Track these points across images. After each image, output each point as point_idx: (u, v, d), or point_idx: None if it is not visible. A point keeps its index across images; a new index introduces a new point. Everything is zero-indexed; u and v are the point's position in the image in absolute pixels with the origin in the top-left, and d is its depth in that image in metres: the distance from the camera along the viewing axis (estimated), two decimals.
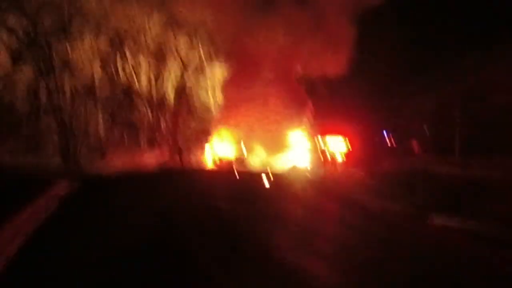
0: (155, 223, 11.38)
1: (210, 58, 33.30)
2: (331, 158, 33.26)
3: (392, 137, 28.33)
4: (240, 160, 32.33)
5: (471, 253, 9.86)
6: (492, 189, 14.52)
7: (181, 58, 33.29)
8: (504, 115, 19.46)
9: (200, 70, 34.43)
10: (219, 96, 33.94)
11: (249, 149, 32.52)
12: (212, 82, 34.40)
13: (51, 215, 11.40)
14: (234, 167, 30.44)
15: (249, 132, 32.71)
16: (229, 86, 33.02)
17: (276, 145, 32.06)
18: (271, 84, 32.25)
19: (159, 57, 32.02)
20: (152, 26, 31.40)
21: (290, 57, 31.80)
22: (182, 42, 32.77)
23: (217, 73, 33.84)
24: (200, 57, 33.99)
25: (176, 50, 32.61)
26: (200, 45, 33.32)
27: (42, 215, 10.74)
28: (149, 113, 31.26)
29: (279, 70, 31.81)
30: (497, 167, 17.08)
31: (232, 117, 32.67)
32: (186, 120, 34.57)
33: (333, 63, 29.49)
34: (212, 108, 34.88)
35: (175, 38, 32.30)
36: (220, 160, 32.58)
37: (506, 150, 18.07)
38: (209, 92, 35.00)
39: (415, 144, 25.46)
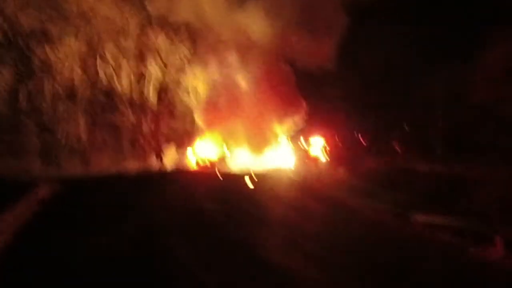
0: (137, 225, 11.35)
1: (192, 58, 33.24)
2: (314, 159, 33.42)
3: (374, 136, 28.53)
4: (223, 161, 32.34)
5: (452, 249, 10.00)
6: (471, 186, 14.70)
7: (161, 59, 33.18)
8: (483, 114, 19.73)
9: (181, 71, 34.37)
10: (201, 97, 33.89)
11: (233, 150, 32.54)
12: (193, 83, 34.36)
13: (33, 218, 11.30)
14: (217, 168, 30.42)
15: (233, 133, 32.74)
16: (211, 85, 33.02)
17: (260, 145, 32.12)
18: (257, 82, 32.28)
19: (140, 58, 31.88)
20: (132, 27, 31.26)
21: (277, 51, 31.82)
22: (162, 43, 32.67)
23: (198, 74, 33.81)
24: (181, 58, 33.93)
25: (157, 51, 32.49)
26: (181, 45, 33.28)
27: (23, 218, 10.64)
28: (131, 115, 31.10)
29: (266, 66, 31.79)
30: (477, 164, 17.28)
31: (215, 117, 32.66)
32: (168, 122, 34.49)
33: (319, 57, 29.63)
34: (194, 109, 34.83)
35: (156, 38, 32.19)
36: (203, 161, 32.55)
37: (485, 148, 18.30)
38: (191, 93, 34.96)
39: (396, 143, 25.69)
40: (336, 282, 7.16)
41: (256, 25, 30.79)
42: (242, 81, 32.17)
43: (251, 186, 21.36)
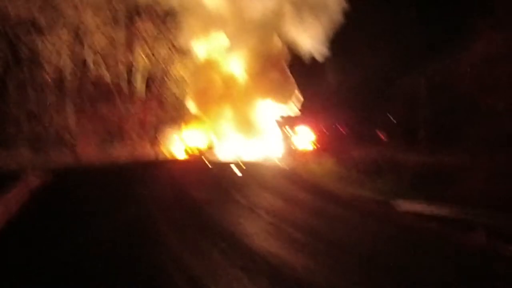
0: (125, 214, 11.47)
1: (179, 46, 33.27)
2: (301, 147, 33.65)
3: (359, 126, 28.77)
4: (211, 150, 32.45)
5: (435, 236, 10.22)
6: (455, 174, 14.92)
7: (149, 48, 33.17)
8: (468, 102, 19.94)
9: (169, 60, 34.40)
10: (189, 85, 33.95)
11: (221, 138, 32.66)
12: (181, 71, 34.41)
13: (23, 207, 11.41)
14: (205, 156, 30.53)
15: (221, 121, 32.86)
16: (200, 70, 33.02)
17: (248, 134, 32.26)
18: (249, 64, 32.34)
19: (128, 48, 31.87)
20: (120, 17, 31.22)
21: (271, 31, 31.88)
22: (150, 32, 32.66)
23: (186, 62, 33.86)
24: (169, 47, 33.94)
25: (145, 40, 32.49)
26: (169, 34, 33.29)
27: (13, 208, 10.76)
28: (119, 104, 31.12)
29: (258, 47, 31.84)
30: (461, 153, 17.50)
31: (203, 105, 32.77)
32: (156, 111, 34.53)
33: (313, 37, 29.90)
34: (182, 98, 34.90)
35: (144, 27, 32.17)
36: (191, 149, 32.65)
37: (469, 137, 18.52)
38: (179, 82, 35.03)
39: (382, 133, 25.94)
40: (320, 267, 7.34)
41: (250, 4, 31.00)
42: (233, 64, 32.31)
43: (239, 174, 21.53)
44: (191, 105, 33.50)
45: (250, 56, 31.78)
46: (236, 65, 32.35)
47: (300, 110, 33.46)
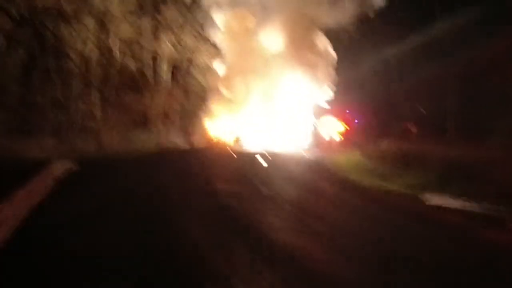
0: (148, 202, 11.40)
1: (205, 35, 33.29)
2: (328, 138, 33.42)
3: (388, 118, 28.38)
4: (237, 139, 32.41)
5: (463, 231, 9.94)
6: (484, 168, 14.58)
7: (175, 37, 33.11)
8: (498, 94, 19.50)
9: (194, 48, 34.35)
10: (215, 74, 33.95)
11: (248, 128, 32.59)
12: (208, 59, 34.38)
13: (47, 195, 11.39)
14: (230, 146, 30.48)
15: (250, 110, 32.83)
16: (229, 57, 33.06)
17: (275, 123, 32.20)
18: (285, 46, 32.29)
19: (154, 36, 31.85)
20: (146, 5, 31.18)
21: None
22: (176, 20, 32.60)
23: (211, 50, 33.83)
24: (194, 35, 33.86)
25: (170, 29, 32.43)
26: (194, 22, 33.25)
27: (37, 196, 10.72)
28: (144, 93, 31.15)
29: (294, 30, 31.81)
30: (491, 146, 17.13)
31: (231, 94, 32.85)
32: (181, 99, 34.54)
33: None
34: (208, 86, 34.88)
35: (169, 16, 32.12)
36: (216, 139, 32.64)
37: (500, 130, 18.10)
38: (205, 70, 35.01)
39: (411, 125, 25.53)
40: (346, 263, 7.15)
41: None
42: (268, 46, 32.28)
43: (264, 164, 21.41)
44: (219, 92, 33.56)
45: (285, 33, 31.74)
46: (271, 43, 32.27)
47: (328, 101, 33.30)
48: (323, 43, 32.23)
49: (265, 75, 32.05)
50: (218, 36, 32.85)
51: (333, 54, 32.14)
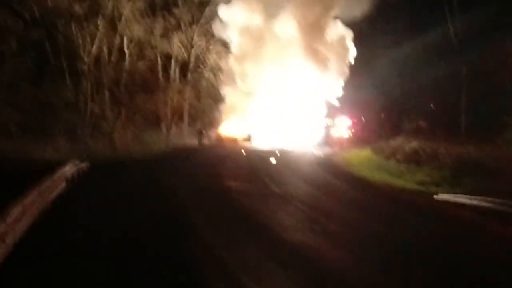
0: (161, 202, 11.42)
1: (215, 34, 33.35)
2: (338, 136, 33.36)
3: (400, 115, 28.27)
4: (248, 138, 32.44)
5: (476, 228, 9.91)
6: (497, 165, 14.53)
7: (186, 38, 33.19)
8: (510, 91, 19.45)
9: (205, 48, 34.42)
10: (225, 73, 34.02)
11: (258, 126, 32.62)
12: (218, 58, 34.43)
13: (59, 196, 11.46)
14: (241, 145, 30.51)
15: (261, 107, 32.87)
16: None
17: (286, 121, 32.21)
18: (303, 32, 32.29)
19: (165, 37, 31.93)
20: (156, 6, 31.27)
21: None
22: (186, 20, 32.67)
23: (222, 49, 33.88)
24: (205, 34, 33.91)
25: (181, 29, 32.48)
26: (204, 22, 33.32)
27: (49, 196, 10.79)
28: (155, 93, 31.22)
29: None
30: (503, 144, 17.06)
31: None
32: (193, 100, 34.62)
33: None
34: (218, 86, 34.94)
35: (180, 16, 32.18)
36: (227, 138, 32.68)
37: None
38: (215, 70, 35.09)
39: (422, 123, 25.43)
40: (357, 261, 7.11)
41: None
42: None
43: (273, 162, 21.43)
44: (229, 91, 33.66)
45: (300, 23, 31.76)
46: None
47: (340, 98, 33.29)
48: (339, 35, 32.22)
49: (277, 70, 31.95)
50: (229, 33, 32.83)
51: (350, 46, 32.15)
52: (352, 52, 32.18)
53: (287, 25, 31.86)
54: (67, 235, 8.18)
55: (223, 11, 32.01)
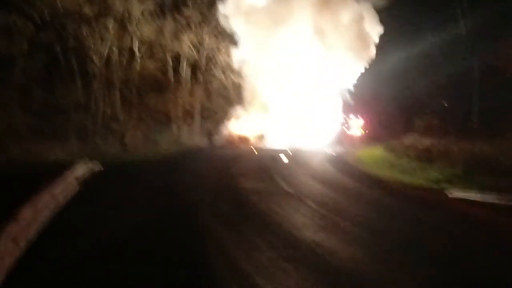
0: (171, 202, 11.43)
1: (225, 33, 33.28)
2: (350, 134, 33.30)
3: (412, 112, 28.16)
4: (260, 137, 32.40)
5: (488, 224, 9.81)
6: (506, 163, 14.40)
7: (196, 37, 33.19)
8: None
9: (215, 47, 34.37)
10: (236, 72, 33.97)
11: (271, 125, 32.55)
12: (228, 58, 34.36)
13: (71, 197, 11.48)
14: (253, 144, 30.48)
15: (272, 106, 32.80)
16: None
17: (298, 119, 32.11)
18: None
19: (175, 37, 31.98)
20: (166, 6, 31.32)
21: None
22: (196, 20, 32.64)
23: (232, 49, 33.80)
24: (215, 34, 33.90)
25: (190, 29, 32.49)
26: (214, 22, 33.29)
27: (61, 197, 10.82)
28: (166, 94, 31.29)
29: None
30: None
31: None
32: (203, 98, 34.66)
33: None
34: (228, 85, 34.93)
35: (190, 16, 32.19)
36: (239, 137, 32.65)
37: None
38: (226, 70, 35.03)
39: (434, 120, 25.29)
40: (369, 259, 7.05)
41: None
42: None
43: (285, 161, 21.40)
44: (240, 90, 33.64)
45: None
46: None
47: (352, 95, 33.22)
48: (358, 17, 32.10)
49: (289, 62, 31.74)
50: (240, 30, 32.69)
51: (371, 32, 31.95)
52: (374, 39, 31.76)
53: (298, 7, 31.45)
54: (82, 235, 8.20)
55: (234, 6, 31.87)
